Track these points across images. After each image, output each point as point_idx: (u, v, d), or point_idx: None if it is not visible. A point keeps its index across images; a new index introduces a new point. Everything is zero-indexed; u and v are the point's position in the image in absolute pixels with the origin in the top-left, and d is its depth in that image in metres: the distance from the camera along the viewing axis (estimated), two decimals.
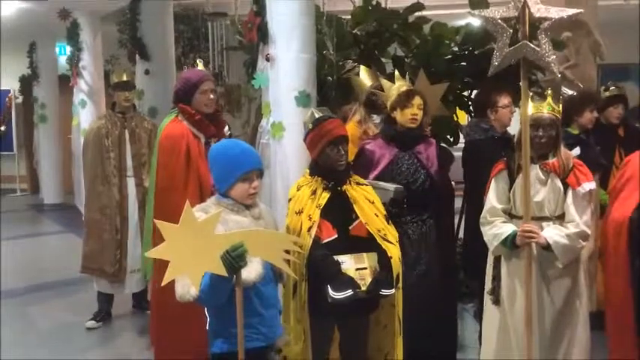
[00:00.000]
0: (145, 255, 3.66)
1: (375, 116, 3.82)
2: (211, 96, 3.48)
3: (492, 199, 2.99)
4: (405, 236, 3.21)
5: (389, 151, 3.38)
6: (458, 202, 4.04)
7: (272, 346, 2.48)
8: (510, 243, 2.85)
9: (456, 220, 4.31)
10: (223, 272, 2.14)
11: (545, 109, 2.86)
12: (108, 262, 4.55)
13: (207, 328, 2.46)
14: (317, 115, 2.85)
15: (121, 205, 4.54)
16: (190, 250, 2.10)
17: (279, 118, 3.71)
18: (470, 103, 4.73)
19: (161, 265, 2.65)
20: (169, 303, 3.18)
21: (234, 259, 2.14)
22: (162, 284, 2.14)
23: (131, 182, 4.58)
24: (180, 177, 3.42)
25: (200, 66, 3.83)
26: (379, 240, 2.77)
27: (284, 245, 2.32)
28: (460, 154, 3.87)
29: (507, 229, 2.88)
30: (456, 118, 4.84)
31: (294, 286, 2.75)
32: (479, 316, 3.92)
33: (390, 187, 3.14)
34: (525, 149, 2.75)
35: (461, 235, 4.38)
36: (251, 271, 2.32)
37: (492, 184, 3.02)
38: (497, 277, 3.01)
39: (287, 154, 3.69)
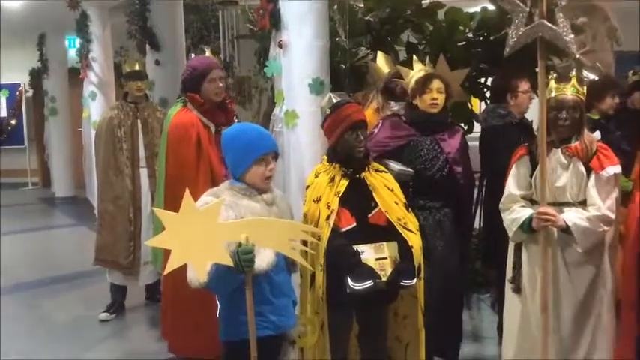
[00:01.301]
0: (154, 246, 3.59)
1: (393, 103, 3.79)
2: (220, 84, 3.44)
3: (511, 185, 2.95)
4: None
5: (408, 131, 3.36)
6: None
7: (284, 335, 2.48)
8: (527, 227, 2.82)
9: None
10: (228, 262, 2.12)
11: (569, 90, 2.81)
12: (122, 253, 4.52)
13: (217, 315, 2.47)
14: (335, 100, 2.82)
15: (134, 196, 4.51)
16: (192, 239, 2.08)
17: (292, 106, 3.69)
18: (485, 89, 4.67)
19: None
20: (180, 294, 3.23)
21: (243, 262, 2.14)
22: (164, 273, 2.13)
23: (144, 173, 4.54)
24: (191, 166, 3.38)
25: (207, 53, 3.77)
26: (400, 229, 2.73)
27: (294, 234, 2.30)
28: (474, 143, 3.83)
29: (525, 213, 2.85)
30: (470, 107, 4.80)
31: (312, 276, 2.72)
32: (497, 306, 3.90)
33: (395, 167, 3.10)
34: (542, 132, 2.72)
35: (477, 224, 4.37)
36: (263, 259, 2.30)
37: (513, 170, 2.98)
38: (517, 265, 2.96)
39: (300, 142, 3.67)
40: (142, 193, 4.58)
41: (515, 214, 2.90)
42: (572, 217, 2.76)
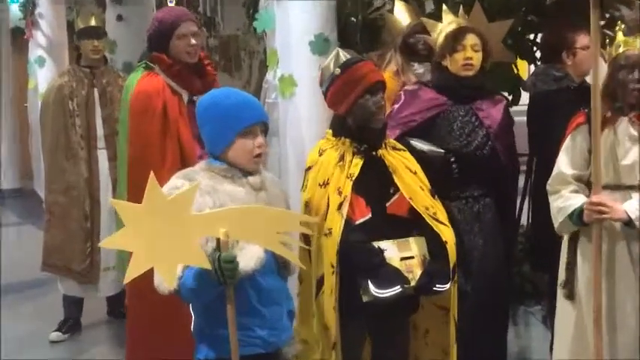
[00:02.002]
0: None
1: (415, 65, 3.79)
2: (193, 41, 3.41)
3: (563, 162, 2.94)
4: (448, 216, 3.12)
5: (437, 100, 3.35)
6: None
7: (276, 354, 2.50)
8: (577, 219, 2.81)
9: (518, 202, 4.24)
10: (204, 264, 2.14)
11: None
12: (76, 257, 4.51)
13: (192, 329, 2.48)
14: (345, 58, 2.82)
15: (90, 185, 4.50)
16: (158, 236, 2.07)
17: (289, 71, 3.71)
18: (535, 48, 4.64)
19: None
20: (150, 307, 3.22)
21: (225, 272, 2.18)
22: (126, 280, 2.12)
23: (103, 155, 4.52)
24: (155, 145, 3.38)
25: (173, 3, 3.74)
26: (429, 220, 2.74)
27: (287, 226, 2.31)
28: (521, 118, 3.81)
29: (575, 201, 2.84)
30: (515, 71, 4.73)
31: (319, 281, 2.73)
32: (550, 321, 3.82)
33: (423, 146, 3.11)
34: (594, 96, 2.71)
35: (523, 220, 4.37)
36: (250, 257, 2.31)
37: (567, 143, 2.96)
38: (571, 265, 2.96)
39: (300, 115, 3.69)
40: (101, 180, 4.54)
41: (562, 200, 2.89)
42: (636, 206, 2.73)
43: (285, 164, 3.70)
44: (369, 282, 2.66)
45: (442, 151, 3.21)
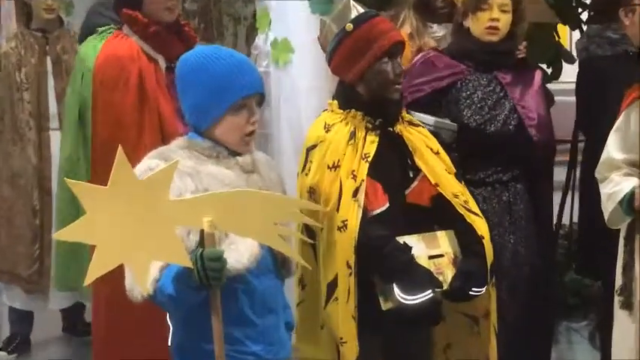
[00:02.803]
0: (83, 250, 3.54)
1: (434, 26, 3.82)
2: None
3: (613, 144, 2.97)
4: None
5: (454, 68, 3.37)
6: (560, 175, 4.00)
7: None
8: (627, 206, 2.83)
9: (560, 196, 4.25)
10: (184, 262, 2.12)
11: None
12: (21, 260, 4.46)
13: (169, 343, 2.47)
14: (357, 11, 2.82)
15: (40, 173, 4.46)
16: (129, 227, 2.03)
17: (284, 33, 3.77)
18: (581, 9, 4.62)
19: None
20: (120, 317, 3.22)
21: (209, 273, 2.13)
22: (86, 282, 2.06)
23: (56, 138, 4.40)
24: (131, 122, 3.38)
25: None
26: (461, 210, 2.75)
27: (288, 215, 2.33)
28: (562, 98, 3.83)
29: (626, 184, 2.86)
30: (556, 37, 4.70)
31: (331, 285, 2.73)
32: (600, 338, 3.92)
33: (430, 119, 3.15)
34: None
35: (566, 219, 4.40)
36: (242, 254, 2.30)
37: (619, 121, 2.98)
38: (628, 268, 2.94)
39: (298, 87, 3.76)
40: (54, 168, 4.44)
41: (613, 185, 2.91)
42: None
43: (278, 143, 3.72)
44: (394, 285, 2.66)
45: (453, 124, 3.22)
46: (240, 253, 2.30)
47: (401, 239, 2.72)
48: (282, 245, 2.27)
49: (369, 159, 2.72)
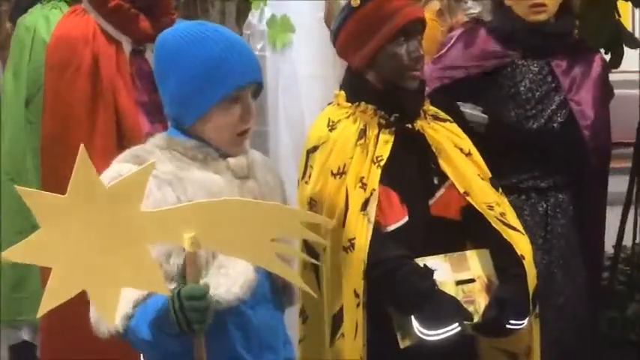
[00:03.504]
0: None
1: (469, 1, 3.87)
2: None
3: None
4: None
5: (498, 51, 3.38)
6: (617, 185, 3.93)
7: None
8: None
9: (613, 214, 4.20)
10: (162, 289, 2.04)
11: None
12: None
13: None
14: None
15: None
16: (92, 246, 1.95)
17: (282, 10, 3.81)
18: None
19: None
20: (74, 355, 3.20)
21: (190, 315, 2.06)
22: (39, 314, 2.00)
23: None
24: (80, 117, 3.33)
25: None
26: (496, 224, 2.70)
27: (288, 230, 2.21)
28: (624, 92, 3.83)
29: None
30: (617, 16, 4.60)
31: (336, 318, 2.70)
32: None
33: (464, 108, 3.19)
34: None
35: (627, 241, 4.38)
36: (235, 280, 2.23)
37: None
38: None
39: (299, 74, 3.80)
40: None
41: None
42: None
43: (275, 143, 3.73)
44: (413, 318, 2.59)
45: (484, 116, 3.24)
46: (231, 279, 2.23)
47: (421, 261, 2.67)
48: (282, 268, 2.19)
49: (382, 163, 2.68)
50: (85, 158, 1.89)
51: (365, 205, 2.63)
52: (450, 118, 2.91)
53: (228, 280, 2.23)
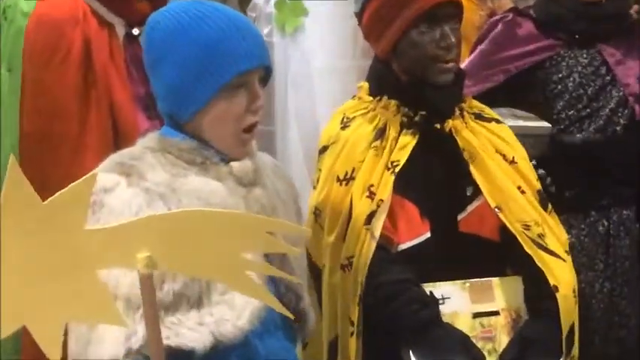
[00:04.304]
0: None
1: None
2: None
3: None
4: None
5: (546, 43, 3.40)
6: None
7: None
8: None
9: None
10: (118, 321, 1.98)
11: None
12: None
13: None
14: None
15: None
16: (32, 273, 1.91)
17: None
18: None
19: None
20: None
21: None
22: None
23: None
24: (69, 112, 3.30)
25: None
26: (529, 248, 2.68)
27: (256, 243, 2.12)
28: None
29: None
30: None
31: (332, 345, 2.75)
32: None
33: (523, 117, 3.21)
34: None
35: None
36: (241, 309, 2.23)
37: None
38: None
39: (313, 65, 3.81)
40: None
41: None
42: None
43: (284, 145, 3.71)
44: (411, 353, 2.61)
45: (547, 125, 3.25)
46: (237, 311, 2.23)
47: (433, 287, 2.67)
48: (255, 288, 2.10)
49: (397, 169, 2.68)
50: (16, 169, 1.83)
51: (370, 217, 2.64)
52: (498, 117, 2.92)
53: (234, 311, 2.22)
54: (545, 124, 3.19)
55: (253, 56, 2.33)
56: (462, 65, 3.20)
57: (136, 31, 3.36)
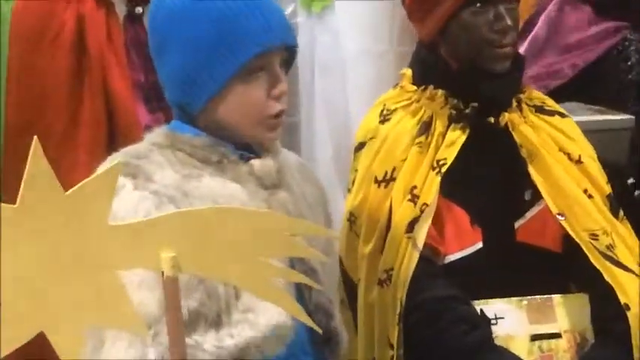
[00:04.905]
0: None
1: None
2: None
3: None
4: None
5: (606, 26, 3.37)
6: None
7: None
8: None
9: None
10: (139, 329, 1.96)
11: None
12: None
13: None
14: None
15: None
16: (50, 273, 1.88)
17: None
18: None
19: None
20: None
21: None
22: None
23: None
24: (60, 102, 3.34)
25: None
26: (598, 261, 2.66)
27: (278, 247, 2.08)
28: None
29: None
30: None
31: None
32: None
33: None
34: None
35: None
36: (265, 331, 2.21)
37: None
38: None
39: (345, 49, 3.80)
40: None
41: None
42: None
43: (310, 139, 3.69)
44: None
45: (630, 117, 3.41)
46: (261, 332, 2.23)
47: (485, 305, 2.67)
48: (280, 297, 2.07)
49: (444, 168, 2.67)
50: (40, 156, 1.81)
51: (412, 225, 2.64)
52: (562, 110, 2.92)
53: (257, 332, 2.20)
54: (627, 115, 3.19)
55: (275, 33, 2.29)
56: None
57: (139, 10, 3.34)
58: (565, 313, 2.69)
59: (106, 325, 2.08)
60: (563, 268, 2.75)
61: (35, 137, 1.76)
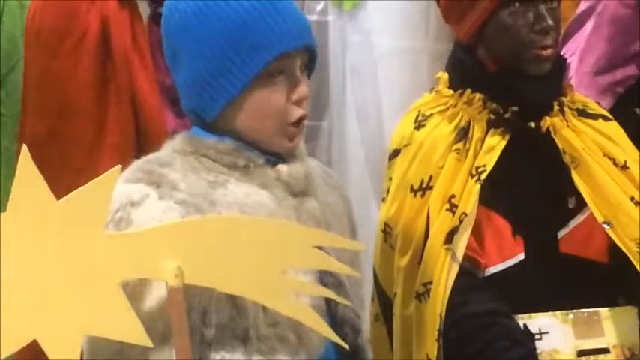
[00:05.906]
0: None
1: None
2: None
3: None
4: None
5: None
6: None
7: None
8: None
9: None
10: (141, 339, 2.07)
11: None
12: None
13: None
14: None
15: None
16: (44, 282, 2.00)
17: None
18: None
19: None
20: None
21: None
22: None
23: None
24: (85, 108, 3.45)
25: None
26: None
27: (299, 257, 2.23)
28: None
29: None
30: None
31: None
32: None
33: None
34: None
35: None
36: (297, 349, 2.26)
37: None
38: None
39: (377, 48, 3.82)
40: None
41: None
42: None
43: (340, 145, 3.72)
44: None
45: None
46: (293, 349, 2.27)
47: (528, 319, 2.68)
48: (302, 312, 2.20)
49: (484, 176, 2.69)
50: (29, 163, 1.91)
51: (451, 235, 2.65)
52: (606, 113, 2.94)
53: (289, 351, 2.25)
54: None
55: (294, 36, 2.34)
56: (578, 54, 3.26)
57: (160, 11, 3.26)
58: (613, 327, 2.71)
59: (104, 334, 2.10)
60: (610, 279, 2.75)
61: (25, 147, 1.91)
